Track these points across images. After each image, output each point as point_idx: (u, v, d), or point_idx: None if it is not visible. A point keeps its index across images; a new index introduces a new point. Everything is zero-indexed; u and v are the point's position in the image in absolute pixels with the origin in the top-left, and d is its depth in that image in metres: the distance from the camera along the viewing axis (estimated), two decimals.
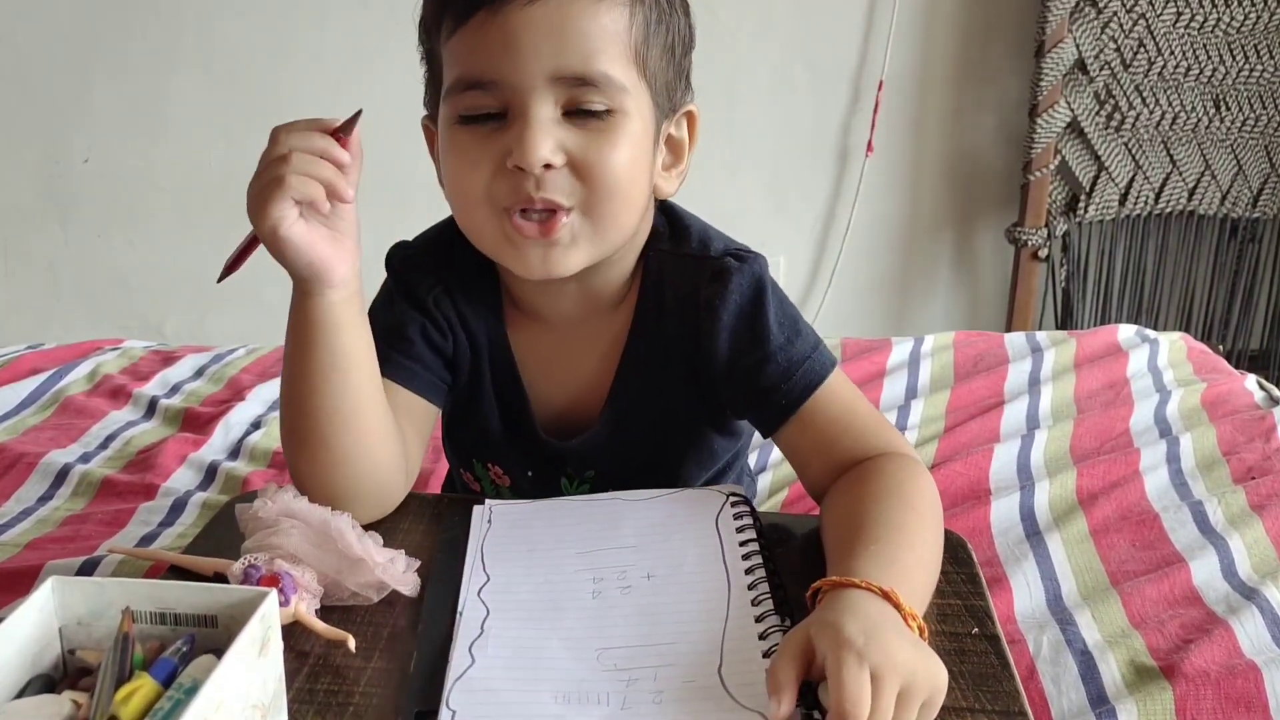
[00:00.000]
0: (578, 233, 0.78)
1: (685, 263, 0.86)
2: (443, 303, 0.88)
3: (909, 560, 0.70)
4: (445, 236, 0.88)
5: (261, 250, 0.73)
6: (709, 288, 0.84)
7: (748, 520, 0.79)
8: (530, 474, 0.93)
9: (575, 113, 0.76)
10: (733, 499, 0.82)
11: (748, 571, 0.74)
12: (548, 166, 0.75)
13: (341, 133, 0.72)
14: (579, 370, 0.90)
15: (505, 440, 0.92)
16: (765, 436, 0.87)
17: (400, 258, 0.90)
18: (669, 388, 0.88)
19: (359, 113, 0.74)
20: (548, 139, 0.74)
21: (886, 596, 0.64)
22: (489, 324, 0.89)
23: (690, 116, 0.86)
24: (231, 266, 0.74)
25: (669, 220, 0.89)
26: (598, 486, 0.91)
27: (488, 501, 0.85)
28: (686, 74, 0.84)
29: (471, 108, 0.76)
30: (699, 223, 0.90)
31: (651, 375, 0.88)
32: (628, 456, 0.90)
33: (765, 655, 0.65)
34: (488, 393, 0.90)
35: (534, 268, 0.79)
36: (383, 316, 0.85)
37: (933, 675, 0.59)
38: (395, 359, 0.84)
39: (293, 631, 0.68)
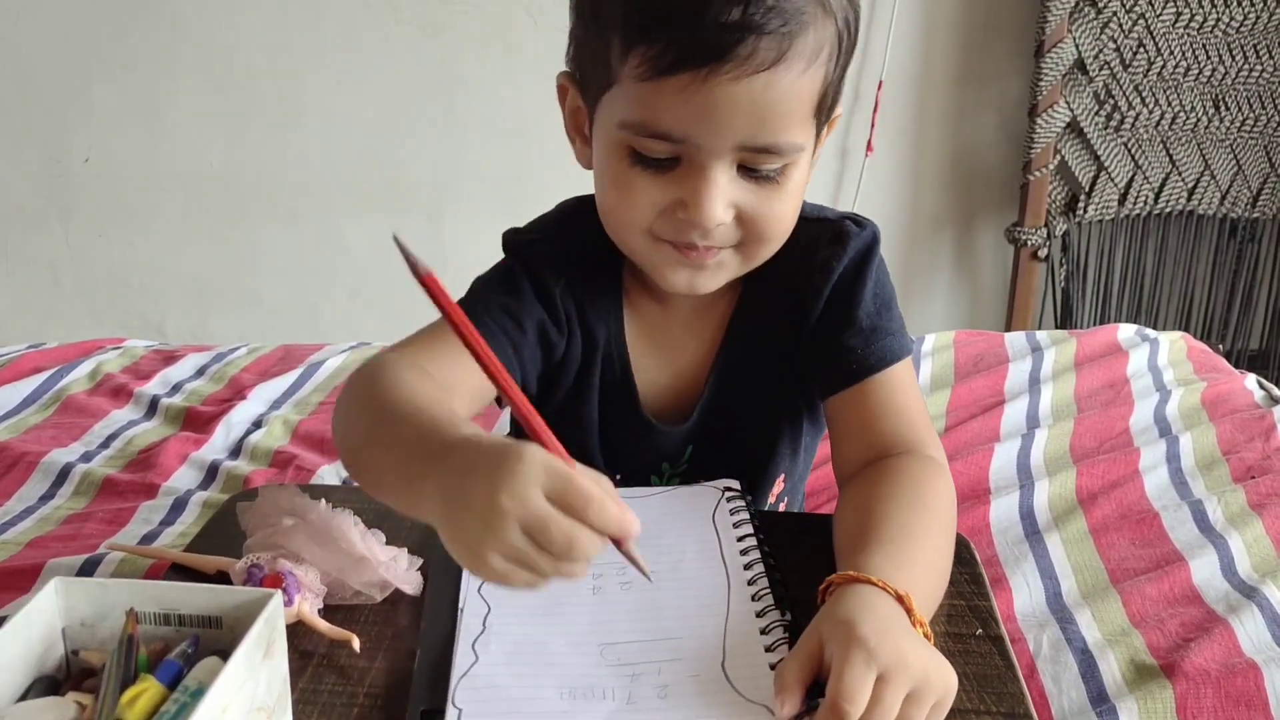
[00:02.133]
0: (727, 261, 0.80)
1: (801, 226, 0.83)
2: (567, 298, 0.86)
3: (920, 563, 0.69)
4: (566, 224, 0.88)
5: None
6: (828, 249, 0.85)
7: (744, 515, 0.80)
8: (619, 477, 0.89)
9: (748, 168, 0.75)
10: (728, 494, 0.83)
11: (746, 567, 0.74)
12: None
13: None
14: (685, 346, 0.90)
15: (603, 438, 0.91)
16: (822, 399, 0.86)
17: (524, 243, 0.88)
18: (769, 359, 0.88)
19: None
20: (722, 200, 0.74)
21: (900, 600, 0.63)
22: (608, 322, 0.88)
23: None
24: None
25: None
26: (687, 476, 0.90)
27: None
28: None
29: (649, 151, 0.75)
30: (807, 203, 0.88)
31: (754, 346, 0.88)
32: (724, 436, 0.90)
33: (768, 650, 0.66)
34: (593, 393, 0.90)
35: (679, 286, 0.80)
36: (500, 296, 0.84)
37: (944, 677, 0.60)
38: (500, 340, 0.82)
39: (296, 631, 0.68)
